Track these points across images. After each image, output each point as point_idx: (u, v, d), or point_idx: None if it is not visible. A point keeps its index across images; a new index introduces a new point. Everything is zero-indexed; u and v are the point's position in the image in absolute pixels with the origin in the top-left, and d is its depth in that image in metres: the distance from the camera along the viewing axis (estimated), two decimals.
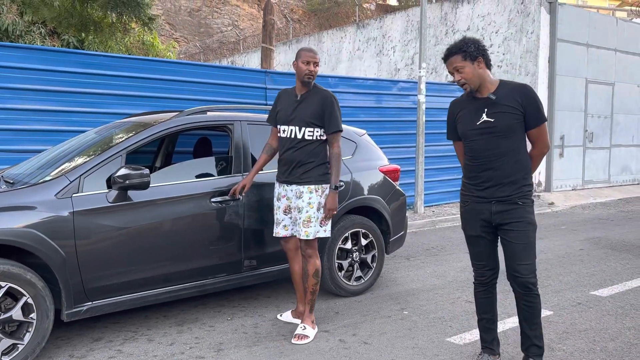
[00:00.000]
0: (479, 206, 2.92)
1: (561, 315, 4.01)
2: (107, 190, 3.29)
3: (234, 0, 36.70)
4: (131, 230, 3.34)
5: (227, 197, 3.73)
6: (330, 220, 3.64)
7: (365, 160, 4.61)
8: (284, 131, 3.58)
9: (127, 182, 3.17)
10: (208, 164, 4.07)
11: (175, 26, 34.07)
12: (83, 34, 8.99)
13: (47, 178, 3.24)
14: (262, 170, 3.79)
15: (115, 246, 3.29)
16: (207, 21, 34.79)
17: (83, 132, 4.70)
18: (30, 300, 3.00)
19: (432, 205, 9.04)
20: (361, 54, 14.43)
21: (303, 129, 3.51)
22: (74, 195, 3.18)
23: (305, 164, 3.53)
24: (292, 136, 3.54)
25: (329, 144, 3.59)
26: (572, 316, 3.98)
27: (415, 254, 6.02)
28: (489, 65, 2.84)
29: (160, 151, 5.08)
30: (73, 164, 3.38)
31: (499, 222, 2.87)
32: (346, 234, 4.34)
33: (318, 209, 3.54)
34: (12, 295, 2.98)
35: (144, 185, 3.25)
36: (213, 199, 3.70)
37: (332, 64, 15.29)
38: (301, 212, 3.53)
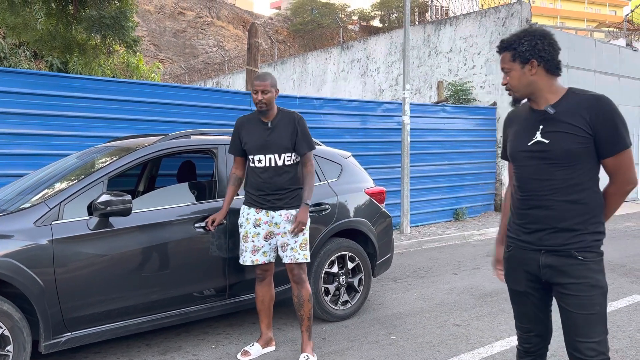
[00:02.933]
0: (524, 254, 2.23)
1: (554, 336, 3.98)
2: (88, 217, 3.22)
3: (219, 22, 36.92)
4: (112, 258, 3.27)
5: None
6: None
7: (350, 183, 4.59)
8: (259, 160, 3.50)
9: (109, 208, 3.11)
10: (192, 188, 4.02)
11: (160, 47, 34.09)
12: (67, 56, 8.92)
13: (26, 205, 3.17)
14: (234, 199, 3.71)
15: (96, 274, 3.20)
16: (192, 42, 34.90)
17: (65, 156, 4.62)
18: (6, 332, 2.90)
19: (418, 226, 9.04)
20: (346, 75, 14.55)
21: (282, 155, 3.49)
22: (53, 222, 3.10)
23: (292, 189, 3.53)
24: (271, 164, 3.49)
25: (303, 164, 3.58)
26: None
27: (402, 276, 5.98)
28: (552, 70, 2.13)
29: (143, 175, 5.01)
30: (53, 190, 3.31)
31: (551, 280, 2.18)
32: (332, 258, 4.30)
33: (307, 231, 3.58)
34: None
35: (126, 212, 3.19)
36: (197, 224, 3.63)
37: (317, 84, 15.38)
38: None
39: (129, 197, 3.16)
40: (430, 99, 11.82)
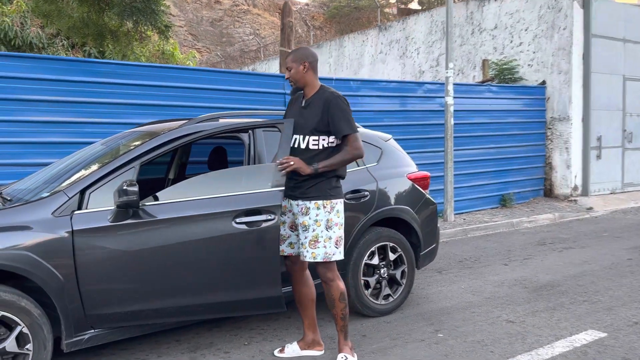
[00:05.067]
0: None
1: (617, 337, 3.56)
2: (111, 207, 2.97)
3: (255, 10, 36.75)
4: (138, 254, 2.96)
5: (256, 218, 3.11)
6: (341, 241, 3.16)
7: (391, 168, 4.25)
8: (294, 140, 3.23)
9: (119, 199, 2.81)
10: (230, 176, 3.43)
11: (198, 36, 34.24)
12: (105, 44, 8.84)
13: (45, 194, 2.97)
14: None
15: (120, 271, 2.93)
16: (228, 30, 34.88)
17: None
18: (25, 330, 2.72)
19: (462, 213, 8.60)
20: (384, 57, 14.06)
21: (307, 137, 3.14)
22: (74, 212, 2.89)
23: (312, 177, 3.10)
24: (297, 146, 3.18)
25: (344, 147, 3.14)
26: (629, 338, 3.53)
27: (447, 267, 5.61)
28: None
29: (173, 162, 4.79)
30: (73, 178, 3.10)
31: None
32: (372, 249, 3.98)
33: (328, 228, 3.11)
34: (6, 324, 2.71)
35: (132, 204, 2.85)
36: (238, 219, 3.17)
37: (354, 68, 14.96)
38: (307, 231, 3.10)
39: (134, 188, 2.81)
40: (474, 79, 11.25)
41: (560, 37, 9.97)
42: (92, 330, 2.95)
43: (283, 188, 3.08)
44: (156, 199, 3.07)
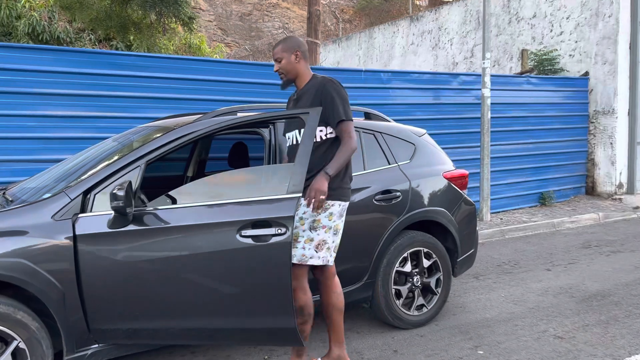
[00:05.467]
0: None
1: None
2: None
3: (284, 3, 36.51)
4: (134, 266, 2.61)
5: (264, 231, 2.61)
6: (331, 248, 2.82)
7: (426, 165, 3.88)
8: (288, 138, 2.98)
9: (111, 203, 2.48)
10: (239, 178, 2.95)
11: (227, 31, 34.21)
12: (128, 37, 8.68)
13: (46, 195, 2.72)
14: None
15: (120, 283, 2.61)
16: (257, 25, 34.75)
17: None
18: (22, 345, 2.48)
19: (499, 212, 8.13)
20: (415, 48, 13.58)
21: (302, 130, 2.81)
22: (77, 216, 2.63)
23: (312, 174, 2.78)
24: (294, 143, 2.90)
25: (340, 138, 2.85)
26: None
27: (485, 272, 5.20)
28: None
29: (192, 159, 4.53)
30: (77, 178, 2.84)
31: None
32: (405, 254, 3.63)
33: (312, 229, 2.77)
34: (1, 339, 2.47)
35: (119, 210, 2.49)
36: (243, 232, 2.70)
37: (384, 60, 14.52)
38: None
39: (121, 192, 2.46)
40: (511, 71, 10.70)
41: (605, 25, 9.35)
42: (96, 345, 2.70)
43: (300, 195, 2.64)
44: (173, 201, 2.76)
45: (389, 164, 3.71)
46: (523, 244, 6.44)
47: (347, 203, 2.91)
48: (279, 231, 2.60)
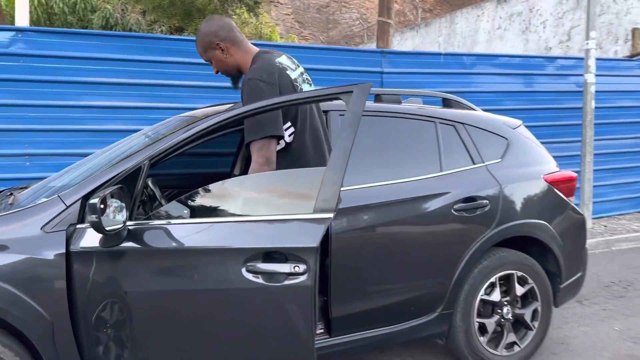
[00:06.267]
0: None
1: None
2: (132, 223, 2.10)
3: None
4: (137, 297, 2.04)
5: (276, 267, 1.91)
6: None
7: (521, 166, 3.07)
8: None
9: (88, 217, 1.92)
10: (254, 187, 2.11)
11: (305, 24, 34.01)
12: (193, 23, 8.40)
13: (41, 200, 2.23)
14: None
15: (118, 313, 2.06)
16: (335, 17, 34.26)
17: None
18: None
19: (602, 217, 7.00)
20: (502, 32, 12.38)
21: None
22: (75, 226, 2.10)
23: None
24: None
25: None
26: None
27: (590, 294, 4.27)
28: None
29: (239, 154, 3.96)
30: (82, 179, 2.32)
31: None
32: (492, 279, 2.86)
33: None
34: None
35: (95, 226, 1.90)
36: (249, 265, 1.95)
37: (466, 46, 13.42)
38: None
39: (95, 201, 1.85)
40: (616, 55, 9.36)
41: None
42: None
43: (331, 216, 1.89)
44: (192, 211, 2.15)
45: (474, 163, 2.93)
46: (635, 259, 5.37)
47: None
48: (296, 269, 1.89)
